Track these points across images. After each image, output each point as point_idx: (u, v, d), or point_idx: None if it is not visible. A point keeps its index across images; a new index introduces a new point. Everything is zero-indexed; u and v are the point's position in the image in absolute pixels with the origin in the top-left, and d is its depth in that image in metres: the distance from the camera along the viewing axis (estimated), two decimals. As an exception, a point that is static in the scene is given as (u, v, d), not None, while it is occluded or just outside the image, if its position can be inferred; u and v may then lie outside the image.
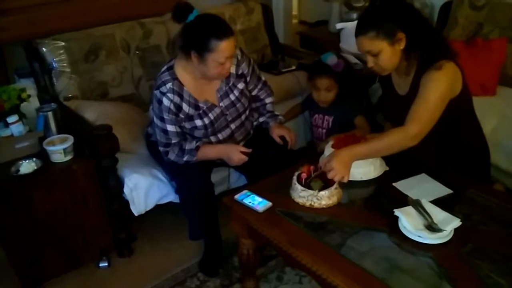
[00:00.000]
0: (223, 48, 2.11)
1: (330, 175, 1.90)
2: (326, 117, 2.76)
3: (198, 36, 2.13)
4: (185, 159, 2.30)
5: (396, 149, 1.94)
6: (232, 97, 2.38)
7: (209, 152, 2.34)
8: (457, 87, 1.98)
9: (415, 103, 1.92)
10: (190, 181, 2.30)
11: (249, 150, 2.29)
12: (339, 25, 3.53)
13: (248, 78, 2.43)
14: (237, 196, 2.00)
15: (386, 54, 1.94)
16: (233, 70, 2.35)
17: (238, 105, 2.39)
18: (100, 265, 2.52)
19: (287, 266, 2.43)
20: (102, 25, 2.99)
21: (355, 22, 3.44)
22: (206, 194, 2.31)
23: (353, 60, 3.18)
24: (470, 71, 2.15)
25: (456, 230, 1.69)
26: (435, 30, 2.11)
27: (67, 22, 3.13)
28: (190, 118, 2.30)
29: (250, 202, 1.96)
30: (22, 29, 3.07)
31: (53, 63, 2.77)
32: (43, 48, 2.76)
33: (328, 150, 2.14)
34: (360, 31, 1.96)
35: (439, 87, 1.90)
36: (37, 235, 2.26)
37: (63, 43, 2.79)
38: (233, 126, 2.42)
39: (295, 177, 1.98)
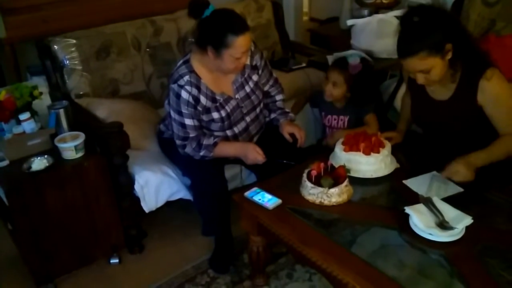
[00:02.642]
0: (240, 43, 2.12)
1: (455, 177, 1.93)
2: (342, 117, 2.70)
3: (215, 32, 2.14)
4: (201, 154, 2.30)
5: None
6: (247, 88, 2.39)
7: (227, 149, 2.34)
8: None
9: (501, 118, 1.98)
10: (205, 177, 2.31)
11: (263, 156, 2.29)
12: (350, 22, 3.51)
13: (260, 71, 2.44)
14: (247, 193, 2.01)
15: (438, 68, 1.91)
16: (247, 61, 2.36)
17: (253, 97, 2.40)
18: (111, 261, 2.53)
19: (297, 263, 2.42)
20: (113, 23, 3.00)
21: (366, 18, 3.45)
22: (221, 190, 2.32)
23: (365, 56, 3.15)
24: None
25: (467, 228, 1.68)
26: (471, 35, 2.10)
27: (78, 20, 3.15)
28: (207, 110, 2.31)
29: (260, 199, 1.96)
30: (34, 27, 3.10)
31: (65, 60, 2.79)
32: (55, 46, 2.78)
33: (339, 147, 2.14)
34: (408, 53, 1.89)
35: (506, 91, 1.95)
36: (49, 231, 2.28)
37: (74, 41, 2.81)
38: (248, 118, 2.42)
39: (305, 175, 1.97)
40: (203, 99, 2.28)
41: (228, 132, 2.39)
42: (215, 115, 2.32)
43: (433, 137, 2.25)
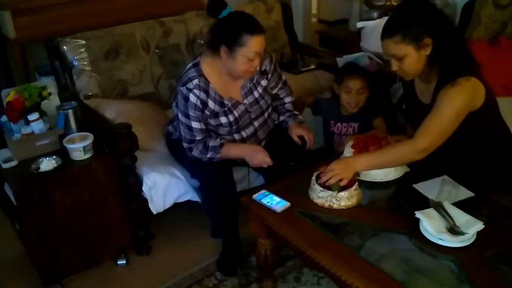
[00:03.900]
0: (254, 43, 2.13)
1: (325, 177, 1.89)
2: (351, 123, 2.66)
3: (230, 30, 2.15)
4: (208, 156, 2.30)
5: (402, 162, 1.98)
6: (256, 94, 2.38)
7: (233, 150, 2.33)
8: (477, 101, 1.92)
9: (428, 118, 1.89)
10: (214, 179, 2.31)
11: (270, 161, 2.28)
12: (359, 24, 3.50)
13: (269, 76, 2.43)
14: (255, 196, 1.99)
15: (411, 59, 1.89)
16: None
17: (261, 102, 2.40)
18: (118, 262, 2.53)
19: (305, 266, 2.41)
20: (122, 24, 3.00)
21: (376, 21, 3.44)
22: (229, 192, 2.32)
23: (376, 59, 3.14)
24: (493, 71, 2.11)
25: (479, 233, 1.66)
26: (462, 40, 2.06)
27: (88, 20, 3.16)
28: (215, 115, 2.30)
29: (268, 202, 1.94)
30: (43, 28, 3.11)
31: (74, 61, 2.79)
32: (64, 47, 2.78)
33: (348, 150, 2.12)
34: (386, 34, 1.92)
35: (454, 104, 1.86)
36: (56, 232, 2.28)
37: (83, 42, 2.81)
38: (256, 123, 2.42)
39: (314, 178, 1.96)
40: (211, 103, 2.27)
41: (236, 136, 2.38)
42: (223, 119, 2.31)
43: None
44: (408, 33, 1.86)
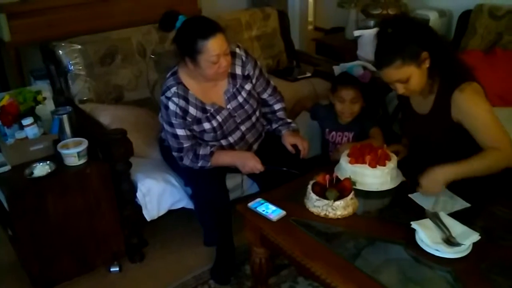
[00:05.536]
0: (211, 46, 2.11)
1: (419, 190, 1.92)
2: (346, 133, 2.65)
3: (186, 41, 2.15)
4: (199, 164, 2.29)
5: (496, 169, 1.90)
6: (240, 98, 2.37)
7: (223, 158, 2.32)
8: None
9: (479, 133, 1.89)
10: (206, 187, 2.30)
11: (262, 168, 2.27)
12: (356, 33, 3.50)
13: (254, 80, 2.42)
14: (250, 204, 1.98)
15: (415, 77, 1.89)
16: (239, 71, 2.35)
17: (246, 106, 2.38)
18: (111, 269, 2.51)
19: (300, 276, 2.40)
20: (118, 29, 3.00)
21: (373, 29, 3.43)
22: (222, 200, 2.31)
23: (371, 67, 3.14)
24: (489, 82, 2.10)
25: (475, 244, 1.65)
26: (452, 47, 2.08)
27: (84, 25, 3.15)
28: (198, 121, 2.30)
29: (263, 211, 1.93)
30: (39, 31, 3.10)
31: (69, 65, 2.78)
32: (59, 51, 2.77)
33: (344, 159, 2.11)
34: (383, 63, 1.90)
35: (481, 106, 1.89)
36: (49, 238, 2.26)
37: (79, 46, 2.80)
38: (243, 128, 2.40)
39: (310, 186, 1.95)
40: (192, 110, 2.27)
41: (223, 142, 2.37)
42: (206, 125, 2.30)
43: (419, 151, 2.21)
44: (405, 54, 1.85)
